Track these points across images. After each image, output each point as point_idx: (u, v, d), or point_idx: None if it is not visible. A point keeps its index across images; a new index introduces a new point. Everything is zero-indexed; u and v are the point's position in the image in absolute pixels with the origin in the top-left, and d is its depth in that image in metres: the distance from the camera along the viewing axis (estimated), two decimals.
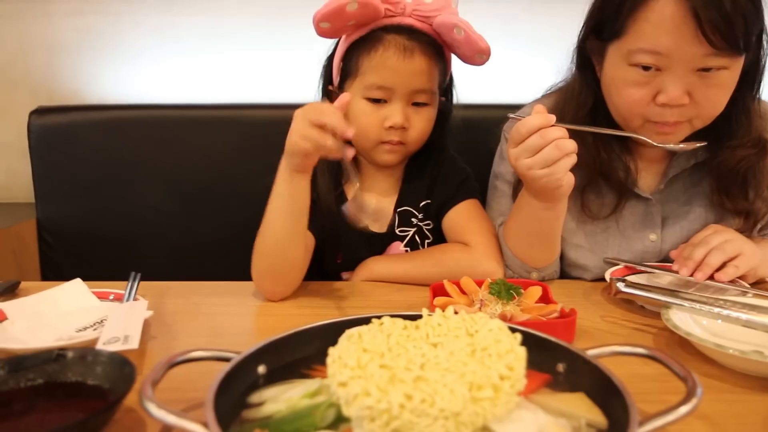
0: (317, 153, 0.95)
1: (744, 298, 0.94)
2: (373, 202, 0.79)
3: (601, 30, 1.06)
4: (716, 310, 0.87)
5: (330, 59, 1.23)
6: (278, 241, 1.04)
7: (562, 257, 1.20)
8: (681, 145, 1.04)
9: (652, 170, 1.20)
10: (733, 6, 0.92)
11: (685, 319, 0.87)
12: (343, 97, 0.98)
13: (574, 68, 1.16)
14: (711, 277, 1.02)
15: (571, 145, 0.94)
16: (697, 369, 0.78)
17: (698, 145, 1.03)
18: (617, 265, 1.14)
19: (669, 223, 1.19)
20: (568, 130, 0.95)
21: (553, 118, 0.94)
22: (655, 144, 1.04)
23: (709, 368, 0.79)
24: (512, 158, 0.97)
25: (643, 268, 1.12)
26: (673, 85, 0.98)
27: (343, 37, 1.17)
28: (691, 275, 1.02)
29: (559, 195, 1.01)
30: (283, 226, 1.03)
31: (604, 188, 1.17)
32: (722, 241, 1.03)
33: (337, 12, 1.07)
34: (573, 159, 0.94)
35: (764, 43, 1.04)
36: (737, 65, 1.00)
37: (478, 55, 1.14)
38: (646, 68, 1.00)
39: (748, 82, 1.06)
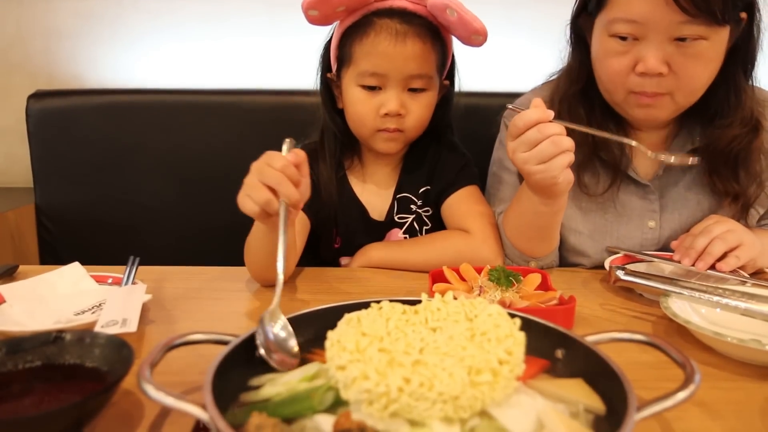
0: (264, 215, 0.88)
1: (743, 287, 0.93)
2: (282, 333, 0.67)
3: (588, 4, 1.08)
4: (715, 298, 0.87)
5: (327, 46, 1.22)
6: (262, 258, 1.01)
7: (561, 243, 1.19)
8: (673, 159, 1.02)
9: (648, 164, 1.20)
10: None
11: (683, 308, 0.87)
12: (299, 154, 0.89)
13: (569, 47, 1.17)
14: (712, 267, 1.02)
15: (568, 142, 0.92)
16: (696, 357, 0.78)
17: (692, 159, 1.00)
18: (617, 253, 1.14)
19: (667, 210, 1.18)
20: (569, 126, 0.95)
21: (551, 113, 0.93)
22: (648, 154, 1.00)
23: (708, 356, 0.79)
24: (510, 151, 0.97)
25: (643, 257, 1.12)
26: (650, 53, 0.99)
27: (338, 23, 1.16)
28: (693, 265, 1.02)
29: (557, 192, 0.99)
30: (266, 249, 0.97)
31: (600, 168, 1.17)
32: (724, 231, 1.03)
33: None
34: (570, 157, 0.93)
35: (757, 19, 1.04)
36: (718, 37, 0.99)
37: (474, 36, 1.11)
38: (623, 38, 1.01)
39: (739, 60, 1.06)
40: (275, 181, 0.85)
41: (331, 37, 1.20)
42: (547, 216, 1.06)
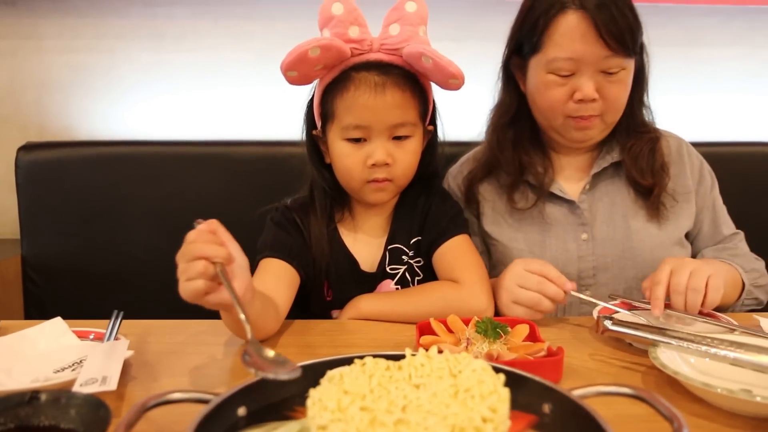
0: (209, 288, 0.81)
1: (731, 336, 0.93)
2: (271, 352, 0.65)
3: (521, 48, 1.26)
4: (704, 348, 0.86)
5: (310, 105, 1.23)
6: (238, 330, 0.98)
7: (507, 261, 1.25)
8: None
9: (577, 177, 1.35)
10: (621, 16, 1.15)
11: (673, 358, 0.86)
12: (211, 222, 0.86)
13: (500, 85, 1.35)
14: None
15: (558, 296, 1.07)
16: (686, 408, 0.77)
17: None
18: (614, 300, 1.16)
19: (597, 223, 1.31)
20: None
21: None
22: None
23: (698, 407, 0.78)
24: (505, 290, 1.10)
25: (640, 305, 1.12)
26: (586, 84, 1.19)
27: (317, 82, 1.17)
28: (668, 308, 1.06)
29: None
30: (236, 323, 0.94)
31: (527, 188, 1.33)
32: (688, 277, 1.04)
33: (300, 59, 1.07)
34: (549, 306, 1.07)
35: (645, 49, 1.27)
36: (631, 66, 1.21)
37: (451, 81, 1.12)
38: (563, 75, 1.20)
39: (639, 81, 1.28)
40: (198, 250, 0.81)
41: (313, 96, 1.21)
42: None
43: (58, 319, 0.97)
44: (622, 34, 1.15)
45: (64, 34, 1.90)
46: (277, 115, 1.87)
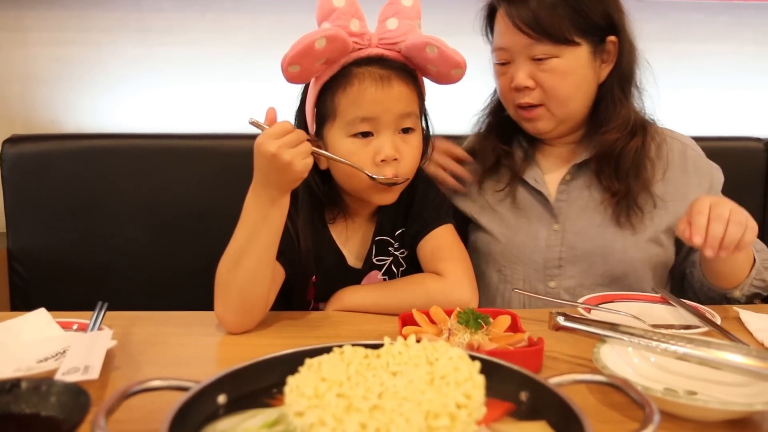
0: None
1: (685, 332, 0.94)
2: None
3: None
4: (654, 344, 0.83)
5: (300, 109, 1.20)
6: (251, 274, 1.02)
7: (493, 246, 1.35)
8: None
9: (558, 167, 1.36)
10: (542, 5, 1.19)
11: (615, 360, 0.83)
12: (270, 112, 1.05)
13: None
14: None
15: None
16: None
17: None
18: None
19: (572, 215, 1.32)
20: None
21: None
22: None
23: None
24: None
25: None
26: (517, 71, 1.24)
27: (312, 81, 1.13)
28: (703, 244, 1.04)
29: None
30: (260, 257, 1.02)
31: (504, 174, 1.37)
32: (729, 211, 1.03)
33: (306, 51, 1.02)
34: None
35: (627, 43, 1.26)
36: (571, 54, 1.22)
37: (454, 71, 1.11)
38: (502, 63, 1.28)
39: (615, 77, 1.27)
40: (302, 134, 0.99)
41: (302, 101, 1.19)
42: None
43: (42, 310, 0.97)
44: (538, 22, 1.19)
45: (50, 26, 1.88)
46: (264, 108, 1.86)
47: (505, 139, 1.37)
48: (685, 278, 1.36)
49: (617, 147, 1.26)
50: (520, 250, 1.33)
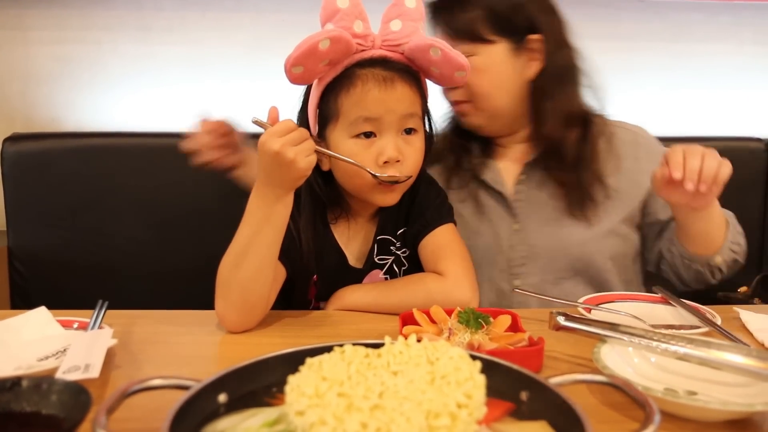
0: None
1: (685, 332, 0.93)
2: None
3: None
4: (654, 344, 0.83)
5: (303, 111, 1.19)
6: (253, 273, 1.02)
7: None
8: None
9: (514, 166, 1.38)
10: (458, 8, 1.25)
11: (615, 360, 0.83)
12: (272, 111, 1.04)
13: None
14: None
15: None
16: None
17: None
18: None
19: (530, 212, 1.34)
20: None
21: None
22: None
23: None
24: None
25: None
26: None
27: (315, 83, 1.13)
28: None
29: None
30: (263, 256, 1.02)
31: (466, 175, 1.39)
32: (703, 150, 1.08)
33: (309, 52, 1.02)
34: None
35: (551, 41, 1.28)
36: (488, 52, 1.26)
37: (458, 73, 1.11)
38: None
39: (547, 74, 1.29)
40: (304, 132, 0.99)
41: (305, 103, 1.18)
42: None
43: (43, 308, 0.97)
44: (454, 21, 1.26)
45: (50, 25, 1.89)
46: (264, 107, 1.86)
47: (463, 139, 1.40)
48: (663, 262, 1.35)
49: (555, 140, 1.30)
50: (484, 252, 1.34)
